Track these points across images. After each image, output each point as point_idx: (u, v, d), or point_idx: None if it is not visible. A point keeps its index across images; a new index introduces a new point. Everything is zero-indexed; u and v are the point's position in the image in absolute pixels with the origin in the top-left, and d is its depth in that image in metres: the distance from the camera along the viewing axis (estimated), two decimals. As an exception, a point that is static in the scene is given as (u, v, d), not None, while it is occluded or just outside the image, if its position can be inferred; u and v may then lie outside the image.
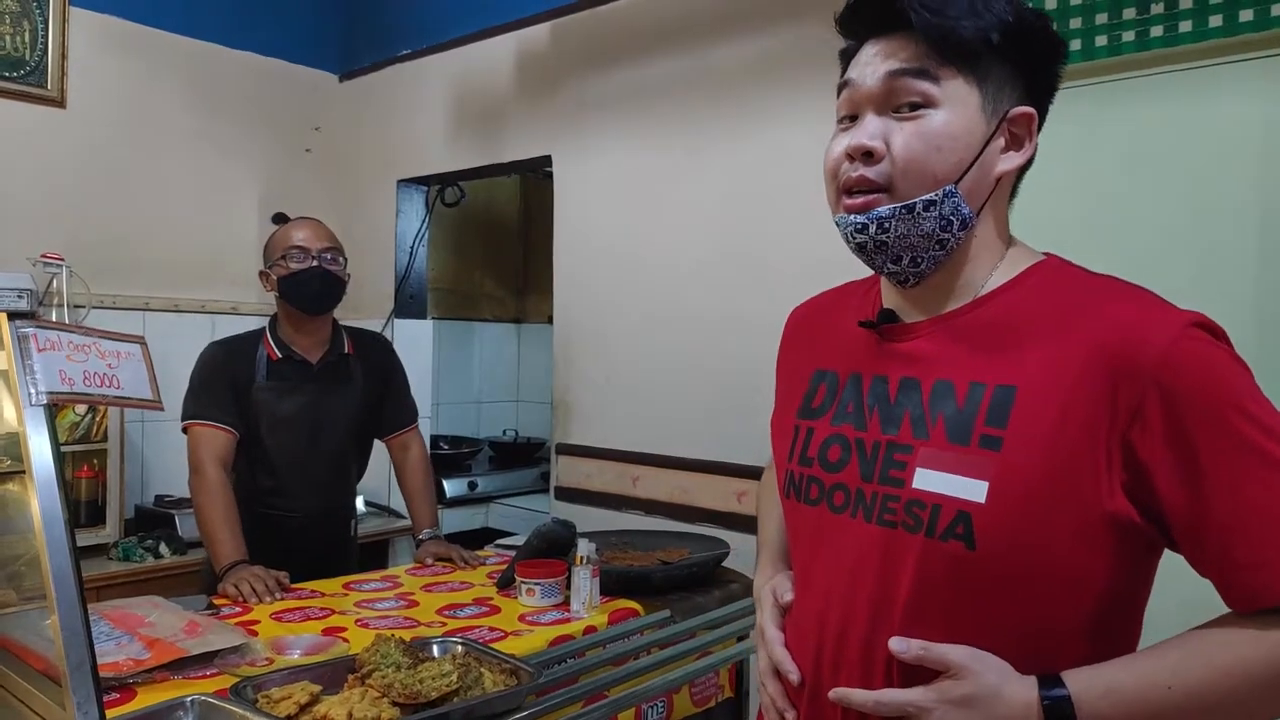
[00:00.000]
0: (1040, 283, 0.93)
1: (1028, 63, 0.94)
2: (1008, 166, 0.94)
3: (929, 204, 0.90)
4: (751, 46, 2.67)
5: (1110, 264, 2.18)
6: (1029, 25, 0.92)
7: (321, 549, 2.38)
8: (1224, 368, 0.83)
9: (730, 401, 2.69)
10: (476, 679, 1.38)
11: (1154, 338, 0.83)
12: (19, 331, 1.33)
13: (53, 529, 1.25)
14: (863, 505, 0.94)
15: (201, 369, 2.30)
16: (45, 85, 3.10)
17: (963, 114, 0.90)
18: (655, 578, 2.00)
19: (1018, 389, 0.87)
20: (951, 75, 0.90)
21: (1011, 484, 0.85)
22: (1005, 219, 0.99)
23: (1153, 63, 2.09)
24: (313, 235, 2.31)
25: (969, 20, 0.89)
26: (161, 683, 1.47)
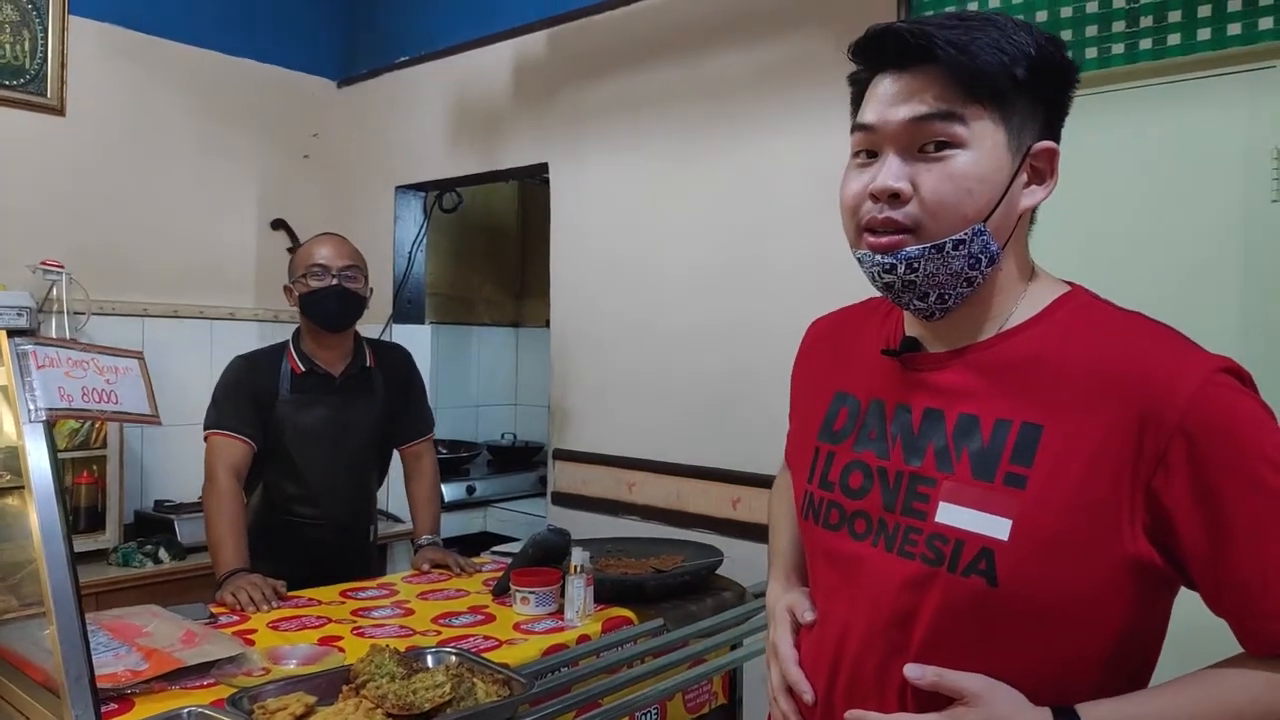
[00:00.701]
0: (1067, 319, 0.93)
1: (1048, 94, 0.93)
2: (1030, 202, 0.94)
3: (958, 244, 0.89)
4: (747, 56, 2.69)
5: (1094, 276, 2.19)
6: (1049, 56, 0.91)
7: (344, 555, 2.44)
8: (1251, 416, 0.83)
9: (726, 408, 2.71)
10: (470, 690, 1.40)
11: (1181, 384, 0.83)
12: (18, 349, 1.36)
13: (52, 544, 1.27)
14: (884, 534, 0.94)
15: (225, 381, 2.36)
16: (45, 93, 3.12)
17: (990, 153, 0.89)
18: (649, 586, 2.02)
19: (1044, 428, 0.87)
20: (977, 114, 0.89)
21: (1036, 523, 0.85)
22: (1026, 250, 0.98)
23: (1141, 75, 2.11)
24: (334, 253, 2.35)
25: (994, 57, 0.88)
26: (159, 693, 1.49)
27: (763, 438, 2.56)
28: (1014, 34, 0.89)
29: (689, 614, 1.99)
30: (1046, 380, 0.89)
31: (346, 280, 2.34)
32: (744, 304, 2.66)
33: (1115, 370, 0.86)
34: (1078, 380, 0.87)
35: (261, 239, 3.70)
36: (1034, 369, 0.90)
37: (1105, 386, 0.86)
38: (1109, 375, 0.86)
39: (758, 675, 2.17)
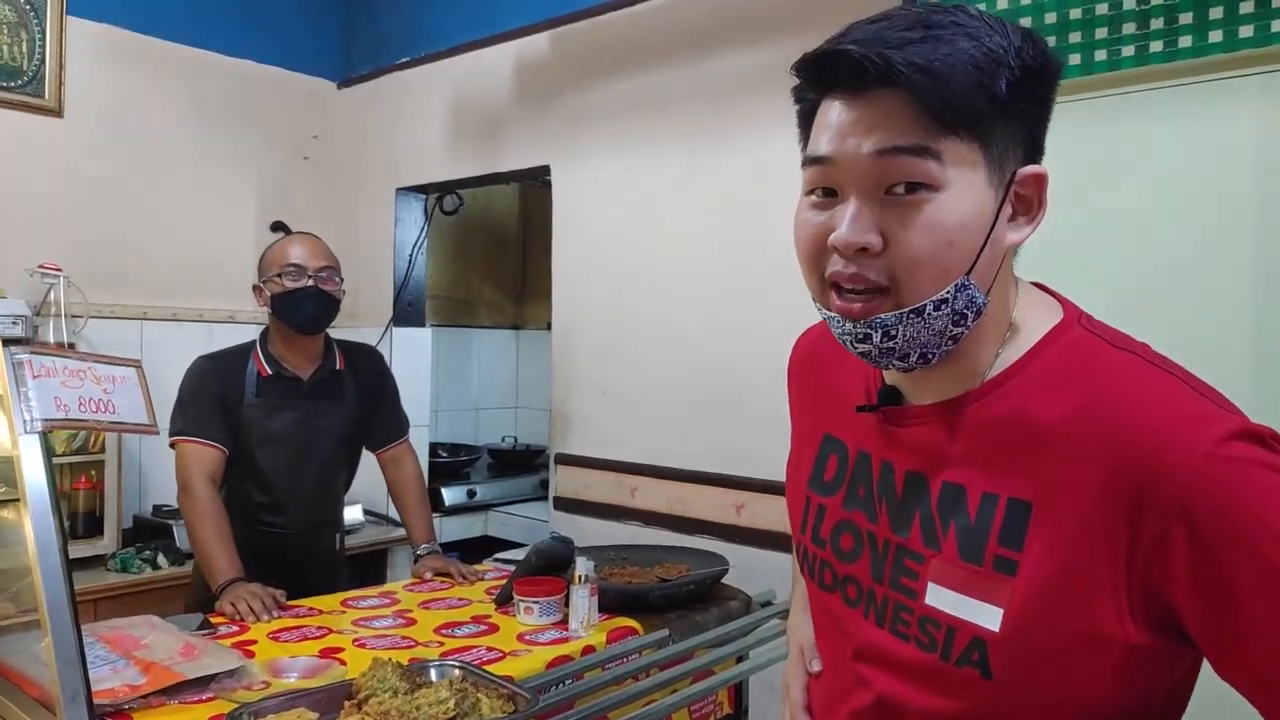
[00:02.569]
0: (1054, 362, 0.80)
1: (1031, 108, 0.79)
2: (1017, 238, 0.81)
3: (940, 303, 0.76)
4: (750, 57, 2.67)
5: (1107, 282, 2.18)
6: (1030, 64, 0.76)
7: (310, 563, 2.38)
8: (1268, 492, 0.69)
9: (729, 412, 2.68)
10: (474, 705, 1.37)
11: (1181, 458, 0.70)
12: (14, 358, 1.33)
13: (48, 559, 1.25)
14: (874, 606, 0.88)
15: (190, 384, 2.26)
16: (43, 95, 3.09)
17: (970, 193, 0.76)
18: (653, 596, 2.00)
19: (1034, 505, 0.77)
20: (953, 146, 0.74)
21: (1029, 614, 0.76)
22: (1009, 282, 0.85)
23: (1152, 78, 2.08)
24: (309, 253, 2.28)
25: (969, 76, 0.73)
26: (157, 708, 1.46)
27: (766, 443, 2.54)
28: (988, 40, 0.74)
29: (695, 624, 1.97)
30: (1034, 445, 0.77)
31: (323, 281, 2.26)
32: (747, 307, 2.64)
33: (1106, 434, 0.74)
34: (1067, 445, 0.75)
35: (261, 241, 3.63)
36: (1020, 431, 0.79)
37: (1095, 453, 0.74)
38: (1099, 440, 0.74)
39: (764, 685, 2.14)
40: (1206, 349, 2.03)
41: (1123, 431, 0.73)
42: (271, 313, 2.30)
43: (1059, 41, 2.15)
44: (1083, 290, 2.25)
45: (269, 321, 2.35)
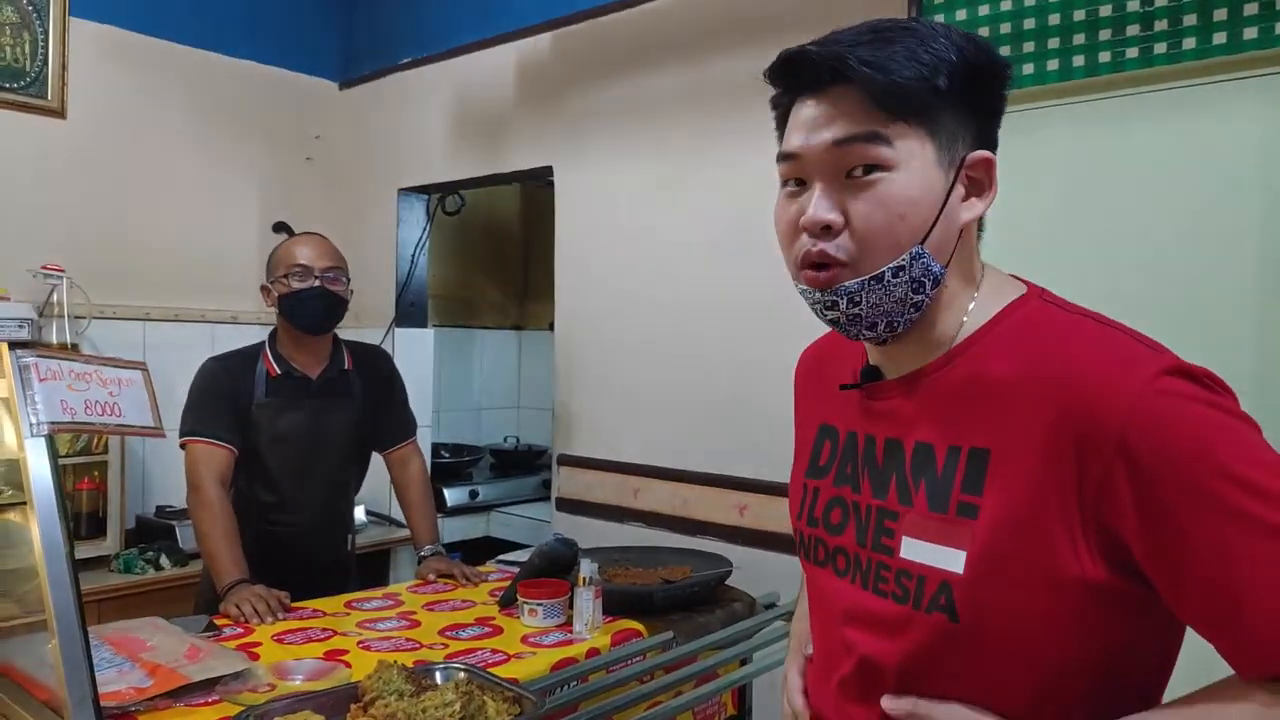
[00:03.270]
0: (1012, 329, 0.88)
1: (977, 100, 0.88)
2: (970, 216, 0.89)
3: (898, 270, 0.85)
4: (752, 57, 2.65)
5: (1106, 284, 2.18)
6: (972, 60, 0.86)
7: (321, 563, 2.38)
8: (1201, 423, 0.75)
9: (732, 414, 2.69)
10: (479, 708, 1.37)
11: (1116, 397, 0.76)
12: (20, 361, 1.33)
13: (54, 563, 1.25)
14: (859, 571, 0.93)
15: (200, 385, 2.27)
16: (45, 96, 3.09)
17: (920, 172, 0.84)
18: (658, 598, 2.00)
19: (991, 452, 0.83)
20: (902, 132, 0.84)
21: (988, 554, 0.81)
22: (974, 260, 0.93)
23: (1156, 80, 2.08)
24: (316, 254, 2.28)
25: (912, 70, 0.83)
26: (163, 710, 1.46)
27: (769, 445, 2.54)
28: (932, 41, 0.84)
29: (699, 625, 1.97)
30: (991, 399, 0.85)
31: (329, 282, 2.27)
32: (751, 309, 2.64)
33: (1051, 381, 0.81)
34: (1020, 396, 0.83)
35: (263, 241, 3.65)
36: (979, 388, 0.86)
37: (1045, 403, 0.80)
38: (1046, 387, 0.81)
39: (768, 687, 2.14)
40: (1208, 351, 2.04)
41: (1066, 377, 0.80)
42: (279, 313, 2.30)
43: (1062, 43, 2.15)
44: (1084, 290, 2.25)
45: (277, 322, 2.35)
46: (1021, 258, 2.24)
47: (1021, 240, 2.28)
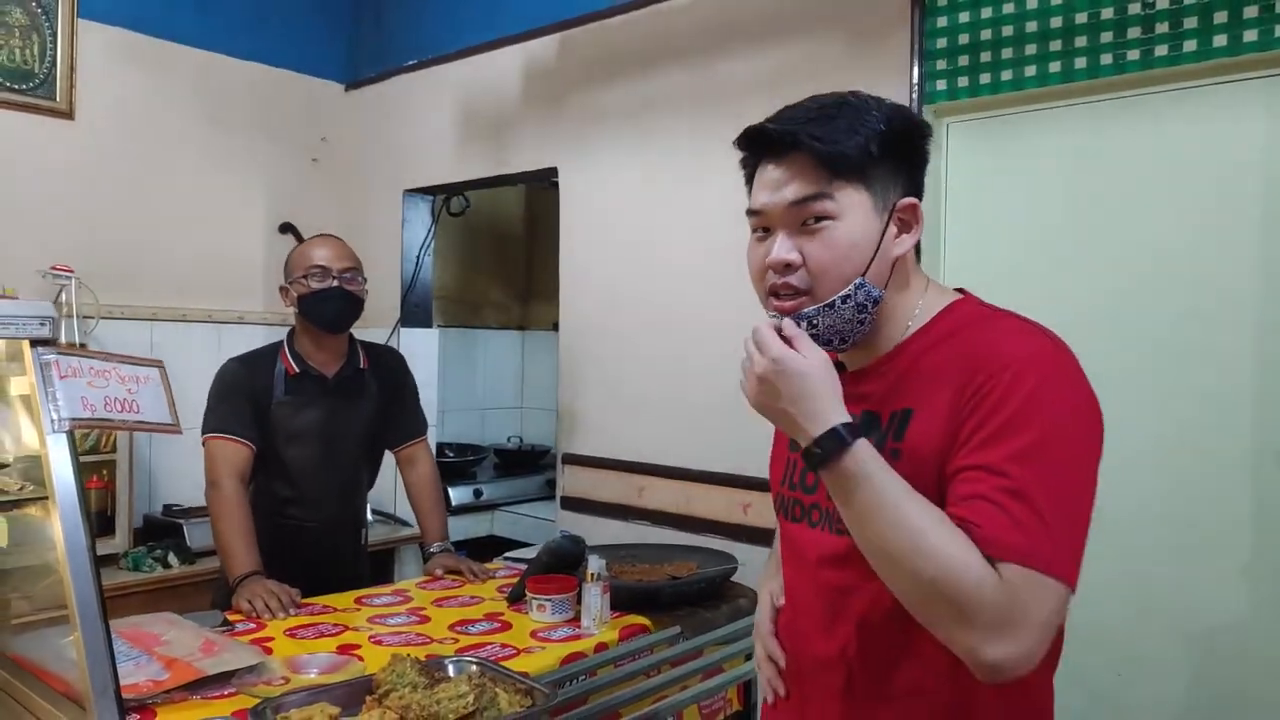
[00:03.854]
0: (943, 326, 1.10)
1: (904, 156, 1.09)
2: (901, 251, 1.10)
3: (845, 298, 1.07)
4: (758, 60, 2.69)
5: (1112, 283, 2.20)
6: (898, 127, 1.08)
7: (335, 558, 2.43)
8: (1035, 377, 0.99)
9: (736, 413, 2.69)
10: (492, 700, 1.39)
11: (998, 356, 1.01)
12: (41, 359, 1.35)
13: (76, 556, 1.28)
14: (828, 520, 1.13)
15: (221, 384, 2.34)
16: (54, 97, 3.11)
17: (859, 219, 1.06)
18: (665, 594, 2.02)
19: (914, 411, 1.06)
20: (843, 189, 1.06)
21: (912, 477, 0.99)
22: (913, 277, 1.14)
23: (1157, 81, 2.10)
24: (334, 255, 2.34)
25: (851, 140, 1.05)
26: (180, 703, 1.48)
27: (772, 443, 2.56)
28: (865, 115, 1.07)
29: (705, 621, 1.99)
30: (921, 375, 1.07)
31: (346, 282, 2.33)
32: (754, 309, 2.63)
33: (962, 354, 1.04)
34: (940, 368, 1.05)
35: (269, 243, 3.69)
36: (914, 370, 1.09)
37: (955, 367, 1.03)
38: (957, 358, 1.04)
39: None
40: (1210, 351, 2.06)
41: (972, 349, 1.04)
42: (298, 313, 2.36)
43: (1064, 45, 2.18)
44: (1088, 290, 2.29)
45: (295, 321, 2.40)
46: (1023, 258, 2.28)
47: (1023, 241, 2.31)
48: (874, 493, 0.97)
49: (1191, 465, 2.05)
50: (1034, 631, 0.93)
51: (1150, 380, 2.11)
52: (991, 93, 2.29)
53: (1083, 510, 1.00)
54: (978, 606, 0.92)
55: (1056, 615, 0.95)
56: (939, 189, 2.42)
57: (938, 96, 2.37)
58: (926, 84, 2.38)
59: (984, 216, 2.36)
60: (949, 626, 0.95)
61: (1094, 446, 1.03)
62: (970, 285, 2.33)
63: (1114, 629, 2.13)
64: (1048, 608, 0.93)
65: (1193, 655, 2.06)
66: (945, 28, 2.35)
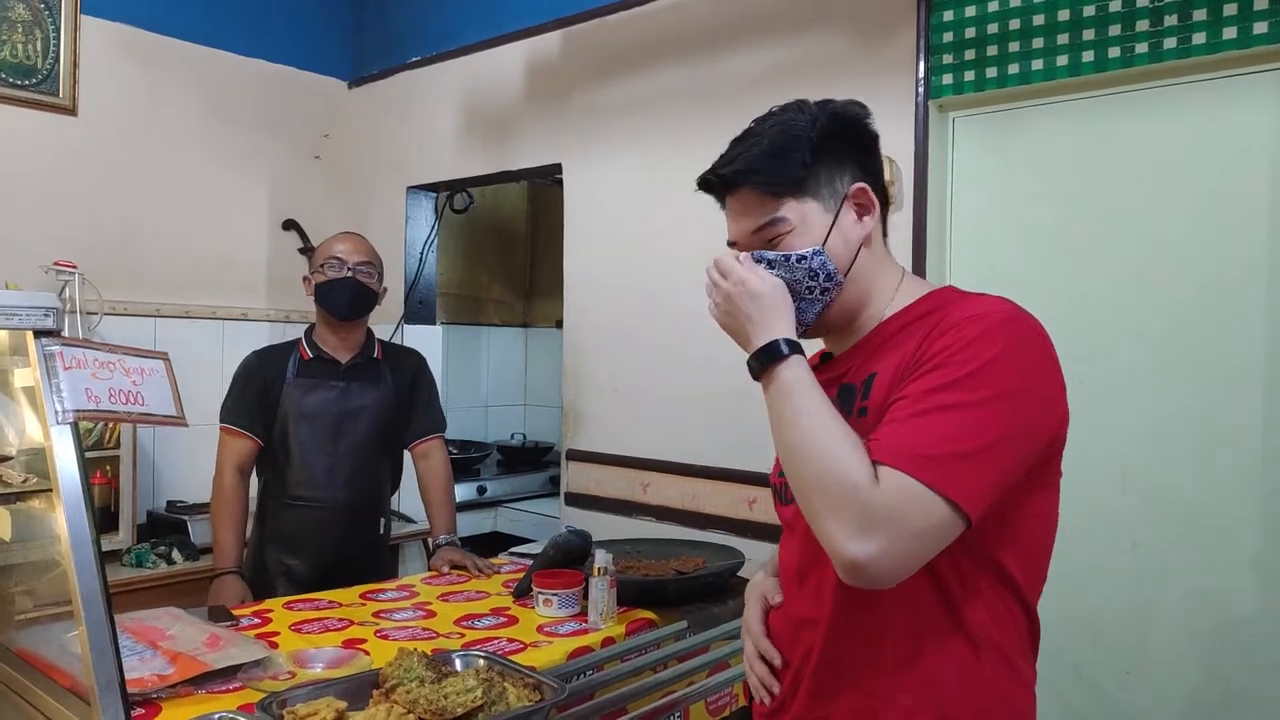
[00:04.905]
0: (920, 307, 1.17)
1: (843, 149, 1.18)
2: (863, 232, 1.18)
3: (801, 258, 1.16)
4: (762, 56, 2.68)
5: (1118, 279, 2.19)
6: (828, 127, 1.17)
7: (349, 544, 2.46)
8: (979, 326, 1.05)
9: (741, 408, 2.69)
10: (500, 694, 1.39)
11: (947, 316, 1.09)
12: (45, 350, 1.34)
13: (81, 549, 1.27)
14: None
15: (236, 376, 2.47)
16: (57, 93, 3.11)
17: (809, 222, 1.16)
18: (671, 589, 2.01)
19: (878, 373, 1.13)
20: (789, 203, 1.16)
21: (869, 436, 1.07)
22: (879, 269, 1.21)
23: (1165, 74, 2.09)
24: (351, 249, 2.45)
25: (781, 162, 1.15)
26: (185, 697, 1.48)
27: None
28: (794, 128, 1.17)
29: (711, 616, 1.98)
30: (893, 345, 1.14)
31: (361, 274, 2.43)
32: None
33: (921, 326, 1.11)
34: (905, 339, 1.12)
35: (273, 239, 3.69)
36: (887, 341, 1.16)
37: (913, 336, 1.11)
38: (917, 330, 1.11)
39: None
40: (1217, 342, 2.05)
41: (934, 316, 1.12)
42: (315, 300, 2.46)
43: (1073, 38, 2.17)
44: (1095, 284, 2.27)
45: (315, 311, 2.50)
46: (1030, 252, 2.27)
47: (1030, 235, 2.29)
48: (798, 400, 1.07)
49: (1199, 458, 2.04)
50: (901, 539, 0.97)
51: (1158, 374, 2.09)
52: (998, 86, 2.28)
53: (993, 448, 1.01)
54: (849, 501, 0.99)
55: (936, 533, 0.99)
56: (945, 183, 2.41)
57: (943, 91, 2.36)
58: (932, 78, 2.37)
59: (990, 211, 2.35)
60: (823, 518, 1.01)
61: (1027, 402, 1.04)
62: (977, 279, 2.35)
63: (1121, 625, 2.12)
64: (924, 521, 0.98)
65: (1201, 651, 2.05)
66: (951, 21, 2.34)
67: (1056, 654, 2.19)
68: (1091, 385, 2.16)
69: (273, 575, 2.42)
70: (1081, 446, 2.24)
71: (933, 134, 2.38)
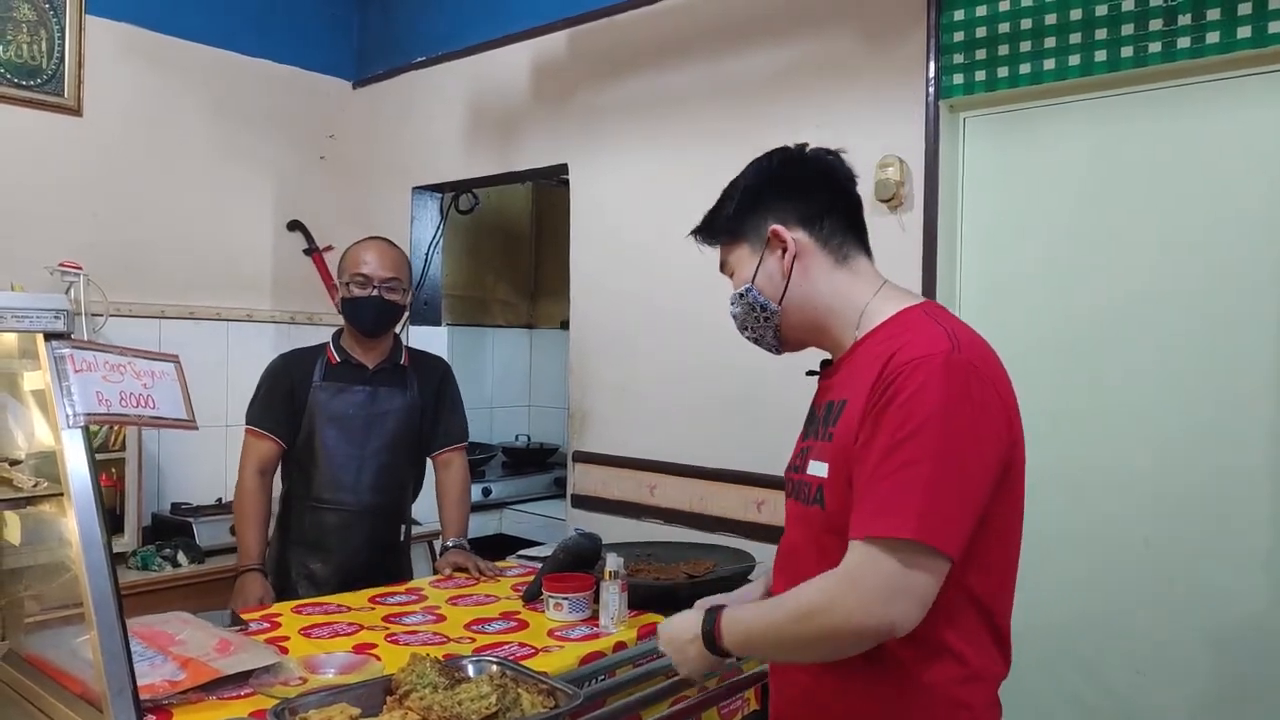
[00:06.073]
0: (886, 329, 1.30)
1: (768, 199, 1.39)
2: (787, 266, 1.36)
3: (740, 295, 1.41)
4: (768, 56, 2.67)
5: (1130, 280, 2.17)
6: (751, 184, 1.41)
7: (372, 548, 2.47)
8: (915, 383, 1.17)
9: (748, 410, 2.68)
10: (515, 700, 1.37)
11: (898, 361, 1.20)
12: (55, 352, 1.33)
13: (92, 553, 1.25)
14: (796, 490, 1.38)
15: (263, 378, 2.48)
16: (62, 93, 3.09)
17: (742, 261, 1.41)
18: (683, 592, 1.99)
19: (847, 401, 1.27)
20: (728, 247, 1.44)
21: (836, 461, 1.25)
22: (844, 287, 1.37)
23: (1179, 74, 2.08)
24: (378, 263, 2.44)
25: (717, 219, 1.44)
26: (196, 703, 1.46)
27: (786, 441, 2.52)
28: (732, 189, 1.44)
29: (724, 620, 1.96)
30: (858, 371, 1.27)
31: (386, 291, 2.43)
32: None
33: (880, 355, 1.24)
34: (869, 364, 1.25)
35: (278, 240, 3.68)
36: (857, 365, 1.29)
37: (873, 366, 1.23)
38: (880, 357, 1.23)
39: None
40: (1230, 345, 2.03)
41: (887, 351, 1.23)
42: (341, 312, 2.48)
43: (1084, 39, 2.15)
44: (1108, 286, 2.25)
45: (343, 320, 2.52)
46: (1041, 255, 2.25)
47: (1041, 237, 2.28)
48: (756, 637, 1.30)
49: (1212, 458, 2.03)
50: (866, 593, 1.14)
51: (1170, 375, 2.08)
52: (1009, 86, 2.26)
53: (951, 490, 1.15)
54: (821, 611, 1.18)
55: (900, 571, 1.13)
56: (956, 184, 2.39)
57: (954, 91, 2.34)
58: (943, 78, 2.35)
59: (1001, 212, 2.34)
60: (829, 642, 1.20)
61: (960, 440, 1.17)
62: (986, 282, 2.35)
63: (1133, 624, 2.11)
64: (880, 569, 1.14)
65: (1213, 650, 2.03)
66: (962, 20, 2.32)
67: (1069, 653, 2.18)
68: (1104, 386, 2.15)
69: (294, 578, 2.42)
70: (1095, 447, 2.25)
71: (943, 134, 2.36)
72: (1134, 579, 2.11)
